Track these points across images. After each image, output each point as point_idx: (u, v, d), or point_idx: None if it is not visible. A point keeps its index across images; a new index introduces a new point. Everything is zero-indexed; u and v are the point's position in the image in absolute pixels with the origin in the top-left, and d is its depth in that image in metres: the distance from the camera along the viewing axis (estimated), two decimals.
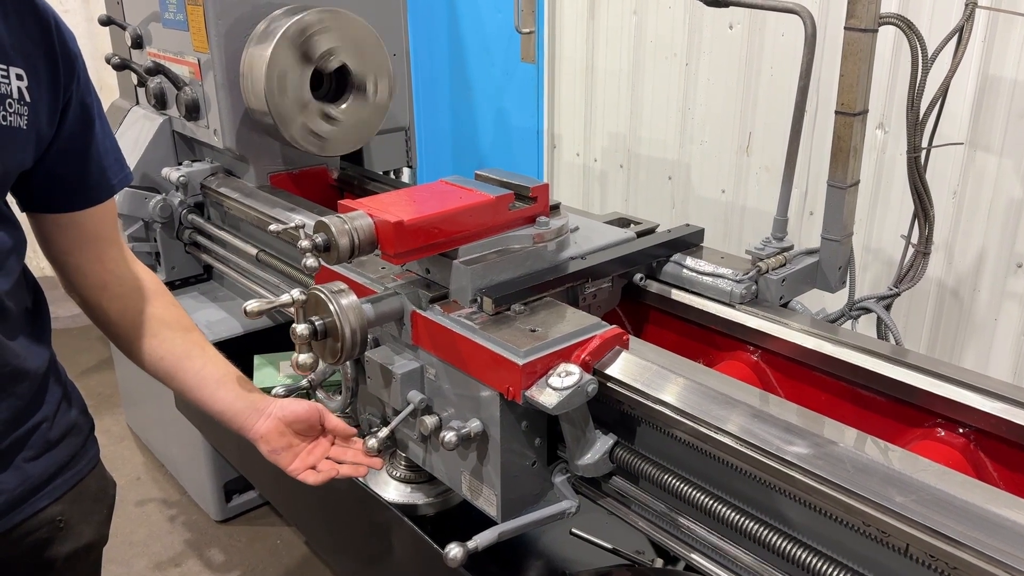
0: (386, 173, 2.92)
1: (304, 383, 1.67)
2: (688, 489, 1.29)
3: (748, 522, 1.21)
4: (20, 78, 1.11)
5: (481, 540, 1.35)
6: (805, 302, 1.73)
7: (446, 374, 1.41)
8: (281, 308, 1.32)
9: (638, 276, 1.74)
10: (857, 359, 1.46)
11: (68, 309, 1.40)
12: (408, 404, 1.44)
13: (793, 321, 1.58)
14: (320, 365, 1.47)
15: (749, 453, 1.16)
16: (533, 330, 1.34)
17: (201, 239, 2.70)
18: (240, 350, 2.12)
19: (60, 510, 1.28)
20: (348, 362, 1.55)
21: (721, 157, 2.93)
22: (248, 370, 2.27)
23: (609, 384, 1.32)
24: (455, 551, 1.31)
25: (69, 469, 1.30)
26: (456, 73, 3.82)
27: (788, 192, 1.73)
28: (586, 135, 3.40)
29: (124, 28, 2.72)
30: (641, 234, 1.80)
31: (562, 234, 1.57)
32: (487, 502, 1.42)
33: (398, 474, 1.74)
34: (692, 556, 1.31)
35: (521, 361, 1.26)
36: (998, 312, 2.41)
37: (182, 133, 2.70)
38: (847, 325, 1.85)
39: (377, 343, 1.52)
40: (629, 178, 3.28)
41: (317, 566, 2.77)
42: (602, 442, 1.38)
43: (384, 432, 1.43)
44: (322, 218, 1.33)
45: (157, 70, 2.57)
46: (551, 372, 1.29)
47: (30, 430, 1.23)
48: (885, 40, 2.21)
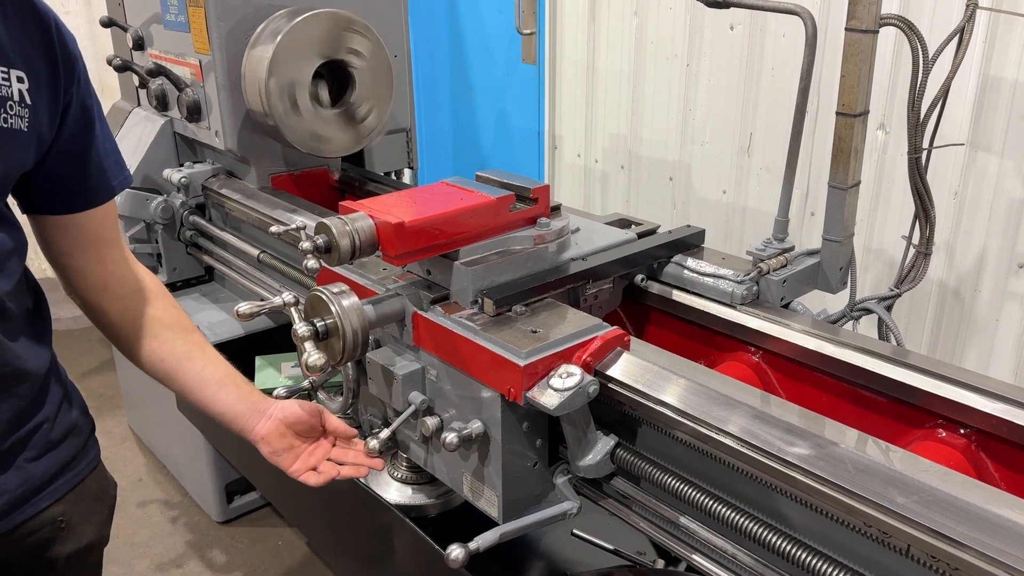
0: (387, 174, 2.92)
1: (306, 384, 1.67)
2: (689, 490, 1.29)
3: (749, 523, 1.21)
4: (21, 80, 1.12)
5: (482, 541, 1.35)
6: (806, 303, 1.73)
7: (447, 375, 1.41)
8: (273, 310, 1.33)
9: (639, 277, 1.74)
10: (858, 360, 1.46)
11: (69, 311, 1.40)
12: (409, 405, 1.44)
13: (794, 322, 1.58)
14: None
15: (750, 454, 1.16)
16: (534, 331, 1.34)
17: (202, 240, 2.70)
18: (241, 351, 2.13)
19: (61, 510, 1.28)
20: (349, 363, 1.55)
21: (722, 158, 2.93)
22: (249, 371, 2.28)
23: (610, 385, 1.32)
24: (456, 552, 1.31)
25: (70, 469, 1.30)
26: (457, 74, 3.82)
27: (789, 193, 1.73)
28: (587, 136, 3.40)
29: (125, 30, 2.72)
30: (642, 235, 1.80)
31: (563, 235, 1.57)
32: (488, 503, 1.42)
33: (399, 475, 1.74)
34: (693, 557, 1.32)
35: (522, 362, 1.26)
36: (999, 313, 2.41)
37: (183, 134, 2.71)
38: (848, 326, 1.85)
39: (378, 344, 1.52)
40: (630, 179, 3.28)
41: (318, 567, 2.77)
42: (603, 443, 1.38)
43: (385, 433, 1.43)
44: (323, 219, 1.33)
45: (158, 72, 2.57)
46: (552, 373, 1.29)
47: (31, 430, 1.23)
48: (886, 41, 2.21)
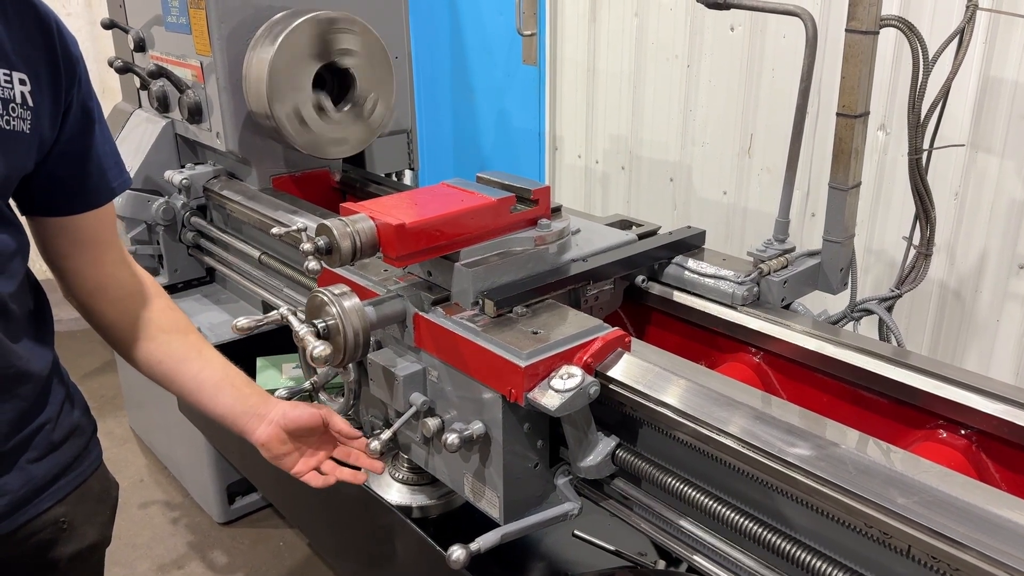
0: (388, 175, 2.92)
1: (307, 385, 1.67)
2: (690, 491, 1.29)
3: (750, 523, 1.21)
4: (23, 83, 1.12)
5: (484, 542, 1.35)
6: (807, 304, 1.73)
7: (448, 376, 1.41)
8: (271, 324, 1.33)
9: (640, 278, 1.74)
10: (859, 361, 1.46)
11: (71, 312, 1.40)
12: (410, 406, 1.44)
13: (795, 323, 1.58)
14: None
15: (751, 455, 1.16)
16: (535, 332, 1.34)
17: (204, 242, 2.71)
18: (243, 352, 2.13)
19: (63, 511, 1.28)
20: (350, 364, 1.55)
21: (723, 159, 2.93)
22: (251, 372, 2.27)
23: (611, 386, 1.32)
24: (458, 553, 1.31)
25: (72, 470, 1.31)
26: (458, 75, 3.83)
27: (789, 194, 1.73)
28: (587, 137, 3.40)
29: (127, 31, 2.73)
30: (643, 236, 1.80)
31: (564, 236, 1.57)
32: (490, 504, 1.42)
33: (401, 476, 1.74)
34: (694, 557, 1.32)
35: (523, 363, 1.26)
36: (1000, 313, 2.41)
37: (184, 136, 2.71)
38: (849, 327, 1.85)
39: (379, 345, 1.52)
40: (631, 180, 3.28)
41: (320, 568, 2.77)
42: (604, 444, 1.38)
43: (387, 434, 1.43)
44: (324, 221, 1.34)
45: (160, 73, 2.57)
46: (553, 374, 1.29)
47: (34, 431, 1.23)
48: (886, 42, 2.21)
